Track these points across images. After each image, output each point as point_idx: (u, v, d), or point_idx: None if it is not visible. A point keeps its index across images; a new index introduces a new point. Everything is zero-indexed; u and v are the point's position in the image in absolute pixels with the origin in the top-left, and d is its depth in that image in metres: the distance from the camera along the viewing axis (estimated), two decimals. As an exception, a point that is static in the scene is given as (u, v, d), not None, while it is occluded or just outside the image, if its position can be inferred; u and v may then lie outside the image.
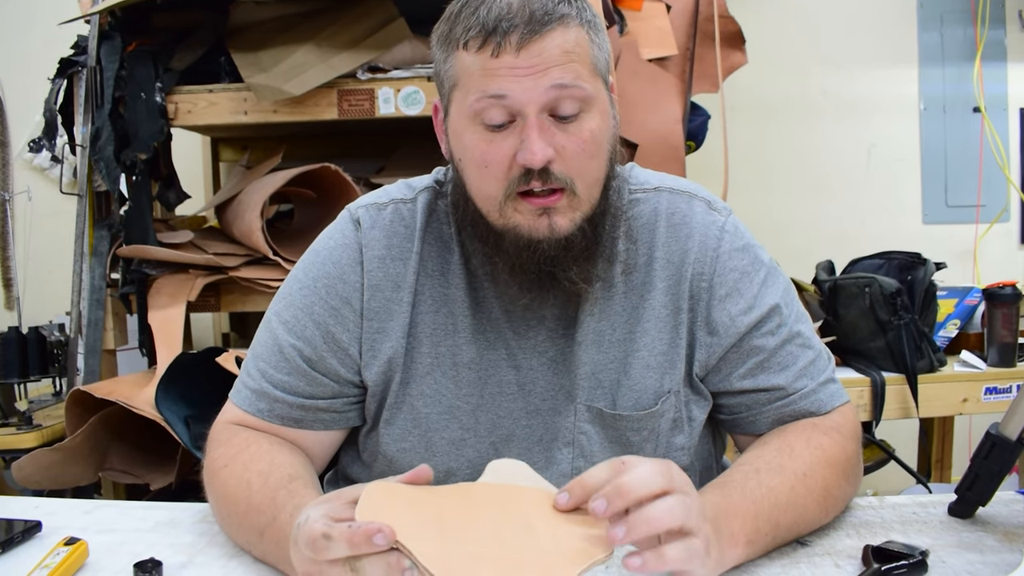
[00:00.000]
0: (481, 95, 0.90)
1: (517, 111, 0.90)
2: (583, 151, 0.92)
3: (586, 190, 0.94)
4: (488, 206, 0.95)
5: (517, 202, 0.93)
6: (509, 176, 0.91)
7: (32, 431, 1.91)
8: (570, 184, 0.92)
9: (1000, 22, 3.17)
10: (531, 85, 0.88)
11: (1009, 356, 2.06)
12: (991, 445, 0.94)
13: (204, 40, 2.10)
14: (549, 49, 0.88)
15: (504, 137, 0.91)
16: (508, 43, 0.88)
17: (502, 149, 0.91)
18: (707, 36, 2.36)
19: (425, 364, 1.04)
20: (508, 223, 0.94)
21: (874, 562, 0.83)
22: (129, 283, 1.99)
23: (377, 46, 1.98)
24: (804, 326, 1.06)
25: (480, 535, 0.73)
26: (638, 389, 1.03)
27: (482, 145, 0.92)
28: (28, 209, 2.42)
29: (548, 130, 0.90)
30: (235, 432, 1.04)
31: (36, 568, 0.84)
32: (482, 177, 0.94)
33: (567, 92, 0.90)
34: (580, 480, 0.76)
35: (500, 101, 0.89)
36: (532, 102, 0.89)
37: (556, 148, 0.90)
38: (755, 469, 0.92)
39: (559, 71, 0.89)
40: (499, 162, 0.91)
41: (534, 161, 0.89)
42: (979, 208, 3.20)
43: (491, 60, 0.89)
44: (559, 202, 0.92)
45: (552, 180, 0.91)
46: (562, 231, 0.93)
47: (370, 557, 0.71)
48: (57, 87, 2.07)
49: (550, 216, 0.93)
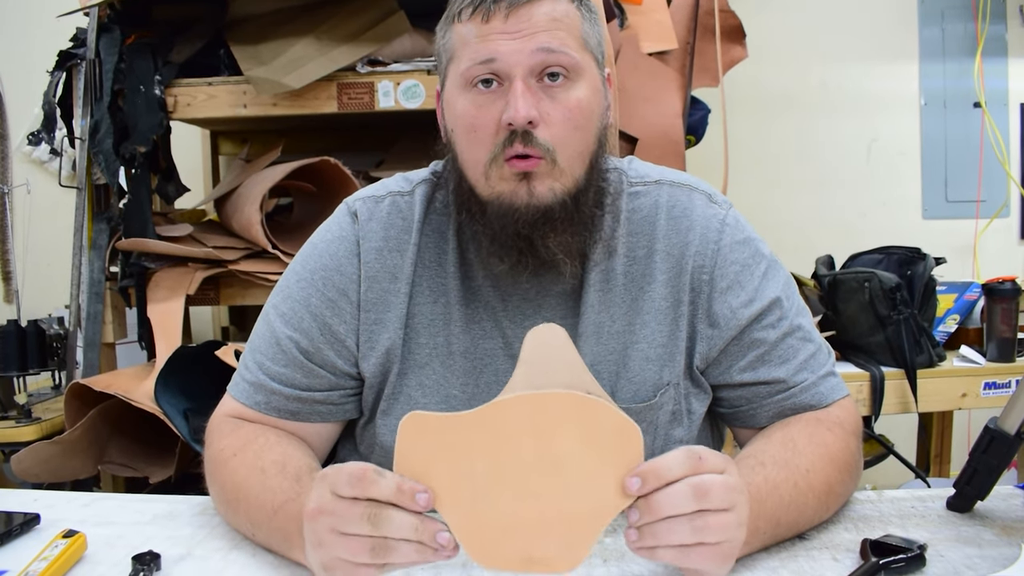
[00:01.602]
0: (472, 62, 0.94)
1: (505, 74, 0.93)
2: (568, 119, 0.94)
3: (568, 161, 0.95)
4: (476, 173, 0.97)
5: (502, 168, 0.94)
6: (495, 139, 0.94)
7: (31, 424, 1.91)
8: (551, 152, 0.93)
9: (1001, 17, 3.17)
10: (518, 47, 0.92)
11: (1008, 351, 2.06)
12: (990, 439, 0.94)
13: (203, 33, 2.09)
14: (537, 15, 0.93)
15: (492, 101, 0.94)
16: (498, 8, 0.92)
17: (490, 112, 0.94)
18: (707, 30, 2.36)
19: (423, 354, 1.04)
20: (493, 191, 0.96)
21: (872, 556, 0.83)
22: (128, 276, 1.99)
23: (377, 39, 1.98)
24: (805, 319, 1.06)
25: (511, 489, 0.73)
26: (637, 381, 1.03)
27: (472, 110, 0.95)
28: (27, 202, 2.41)
29: (535, 94, 0.93)
30: (238, 425, 1.04)
31: (35, 560, 0.84)
32: (470, 142, 0.96)
33: (553, 57, 0.93)
34: (655, 470, 0.74)
35: (489, 66, 0.93)
36: (519, 64, 0.92)
37: (541, 113, 0.93)
38: (760, 463, 0.92)
39: (546, 36, 0.92)
40: (486, 125, 0.94)
41: (517, 118, 0.91)
42: (979, 203, 3.20)
43: (482, 26, 0.93)
44: (538, 167, 0.94)
45: (534, 145, 0.92)
46: (541, 198, 0.94)
47: (401, 514, 0.72)
48: (56, 80, 2.06)
49: (529, 182, 0.94)
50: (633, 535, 0.75)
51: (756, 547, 0.87)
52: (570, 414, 0.74)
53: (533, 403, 0.75)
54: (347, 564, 0.75)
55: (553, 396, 0.75)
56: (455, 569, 0.86)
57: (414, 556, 0.73)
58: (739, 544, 0.78)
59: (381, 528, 0.72)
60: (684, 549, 0.75)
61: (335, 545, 0.75)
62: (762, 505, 0.85)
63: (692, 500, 0.74)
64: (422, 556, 0.73)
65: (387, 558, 0.73)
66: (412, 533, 0.72)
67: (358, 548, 0.73)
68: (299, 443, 1.03)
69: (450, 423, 0.74)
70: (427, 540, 0.72)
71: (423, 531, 0.72)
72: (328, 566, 0.76)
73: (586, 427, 0.74)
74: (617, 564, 0.86)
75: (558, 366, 0.83)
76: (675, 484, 0.74)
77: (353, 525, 0.73)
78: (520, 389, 0.78)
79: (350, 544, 0.74)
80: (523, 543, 0.74)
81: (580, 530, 0.74)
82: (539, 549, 0.74)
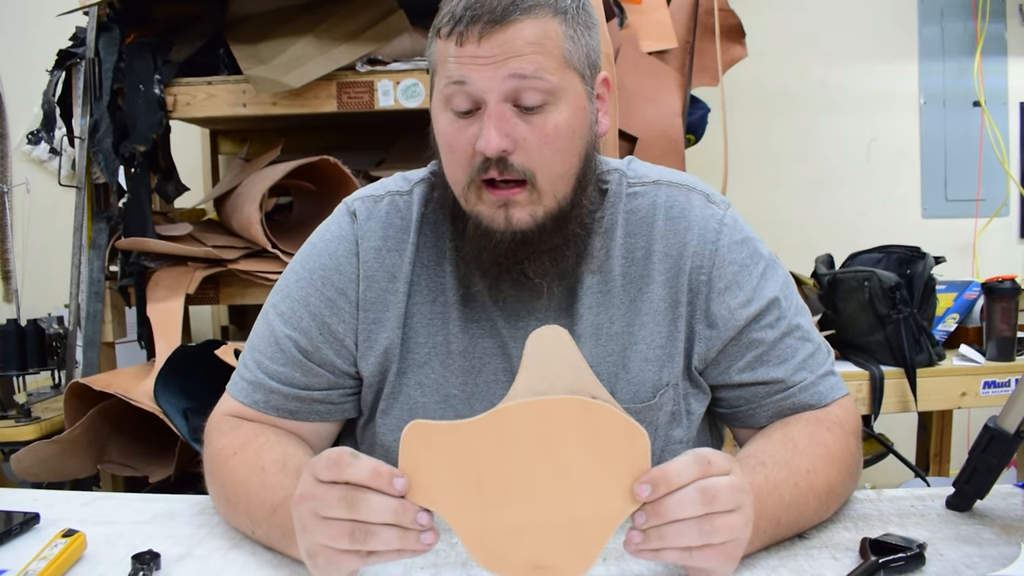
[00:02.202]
0: (447, 81, 0.92)
1: (479, 99, 0.91)
2: (545, 144, 0.92)
3: (549, 184, 0.94)
4: (457, 190, 0.97)
5: (480, 190, 0.94)
6: (472, 163, 0.93)
7: (31, 423, 1.91)
8: (530, 176, 0.92)
9: (1000, 16, 3.17)
10: (490, 74, 0.90)
11: (1008, 350, 2.06)
12: (989, 438, 0.94)
13: (203, 32, 2.09)
14: (511, 40, 0.89)
15: (469, 124, 0.93)
16: (471, 32, 0.89)
17: (466, 136, 0.93)
18: (707, 29, 2.35)
19: (422, 354, 1.04)
20: (472, 210, 0.96)
21: (872, 555, 0.83)
22: (128, 276, 1.99)
23: (376, 38, 1.97)
24: (803, 319, 1.06)
25: (518, 496, 0.73)
26: (636, 382, 1.03)
27: (450, 130, 0.94)
28: (26, 201, 2.41)
29: (509, 120, 0.91)
30: (238, 423, 1.04)
31: (34, 559, 0.84)
32: (449, 161, 0.96)
33: (527, 83, 0.90)
34: (665, 476, 0.74)
35: (463, 88, 0.91)
36: (491, 91, 0.90)
37: (517, 139, 0.91)
38: (761, 463, 0.92)
39: (519, 62, 0.89)
40: (463, 148, 0.93)
41: (488, 149, 0.90)
42: (979, 202, 3.20)
43: (457, 48, 0.91)
44: (519, 196, 0.93)
45: (511, 171, 0.92)
46: (519, 225, 0.94)
47: (378, 496, 0.72)
48: (55, 79, 2.06)
49: (508, 209, 0.94)
50: (637, 537, 0.75)
51: (757, 546, 0.87)
52: (575, 420, 0.74)
53: (537, 410, 0.75)
54: (329, 551, 0.75)
55: (557, 402, 0.75)
56: (454, 568, 0.86)
57: (395, 543, 0.73)
58: (745, 542, 0.78)
59: (358, 511, 0.73)
60: (689, 550, 0.75)
61: (316, 530, 0.75)
62: (763, 504, 0.85)
63: (700, 504, 0.74)
64: (403, 543, 0.73)
65: (367, 543, 0.73)
66: (390, 516, 0.72)
67: (337, 533, 0.74)
68: (299, 442, 1.03)
69: (453, 431, 0.74)
70: (407, 523, 0.72)
71: (402, 513, 0.72)
72: (312, 553, 0.76)
73: (591, 432, 0.74)
74: (617, 563, 0.86)
75: (561, 369, 0.83)
76: (684, 489, 0.74)
77: (331, 508, 0.74)
78: (523, 396, 0.79)
79: (330, 529, 0.74)
80: (531, 550, 0.74)
81: (588, 535, 0.74)
82: (547, 555, 0.74)
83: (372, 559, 0.75)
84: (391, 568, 0.86)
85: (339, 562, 0.75)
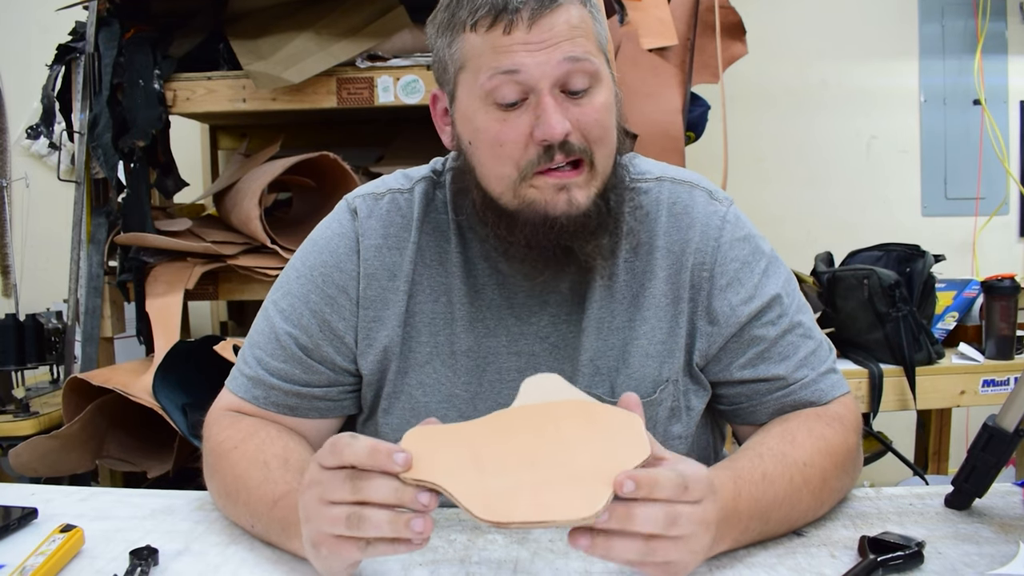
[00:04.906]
0: (493, 72, 0.90)
1: (531, 87, 0.90)
2: (597, 122, 0.93)
3: (603, 161, 0.95)
4: (501, 187, 0.95)
5: (533, 178, 0.93)
6: (525, 155, 0.92)
7: (29, 418, 1.91)
8: (589, 155, 0.93)
9: (1001, 14, 3.17)
10: (544, 59, 0.89)
11: (1007, 349, 2.06)
12: (988, 437, 0.94)
13: (203, 27, 2.09)
14: (559, 24, 0.90)
15: (518, 115, 0.91)
16: (520, 19, 0.89)
17: (517, 127, 0.91)
18: (707, 26, 2.35)
19: (424, 353, 1.04)
20: (524, 200, 0.94)
21: (870, 553, 0.83)
22: (127, 271, 1.99)
23: (377, 34, 1.97)
24: (805, 316, 1.06)
25: (515, 462, 0.73)
26: (636, 377, 1.03)
27: (496, 125, 0.92)
28: (26, 196, 2.41)
29: (562, 104, 0.91)
30: (237, 418, 1.04)
31: (32, 555, 0.84)
32: (496, 157, 0.93)
33: (579, 66, 0.91)
34: (649, 483, 0.73)
35: (513, 77, 0.90)
36: (545, 76, 0.90)
37: (572, 121, 0.91)
38: (759, 455, 0.92)
39: (569, 45, 0.90)
40: (515, 140, 0.92)
41: (554, 134, 0.89)
42: (978, 201, 3.20)
43: (503, 37, 0.90)
44: (579, 177, 0.93)
45: (573, 151, 0.91)
46: (581, 206, 0.94)
47: (380, 477, 0.73)
48: (55, 74, 2.06)
49: (569, 191, 0.93)
50: (585, 542, 0.73)
51: (743, 543, 0.87)
52: (574, 412, 0.76)
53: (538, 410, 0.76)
54: (330, 538, 0.75)
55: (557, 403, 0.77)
56: (452, 564, 0.86)
57: (387, 528, 0.72)
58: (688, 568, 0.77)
59: (361, 492, 0.73)
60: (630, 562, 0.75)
61: (319, 516, 0.75)
62: (756, 506, 0.86)
63: (661, 525, 0.73)
64: (395, 529, 0.72)
65: (361, 529, 0.73)
66: (392, 495, 0.72)
67: (336, 517, 0.74)
68: (299, 438, 1.03)
69: (454, 430, 0.76)
70: (407, 502, 0.72)
71: (403, 493, 0.72)
72: (315, 541, 0.76)
73: (589, 418, 0.76)
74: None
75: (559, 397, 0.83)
76: (654, 504, 0.73)
77: (336, 491, 0.74)
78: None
79: (331, 513, 0.74)
80: (532, 500, 0.71)
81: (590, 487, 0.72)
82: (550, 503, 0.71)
83: (371, 550, 0.74)
84: (390, 564, 0.85)
85: (339, 550, 0.75)
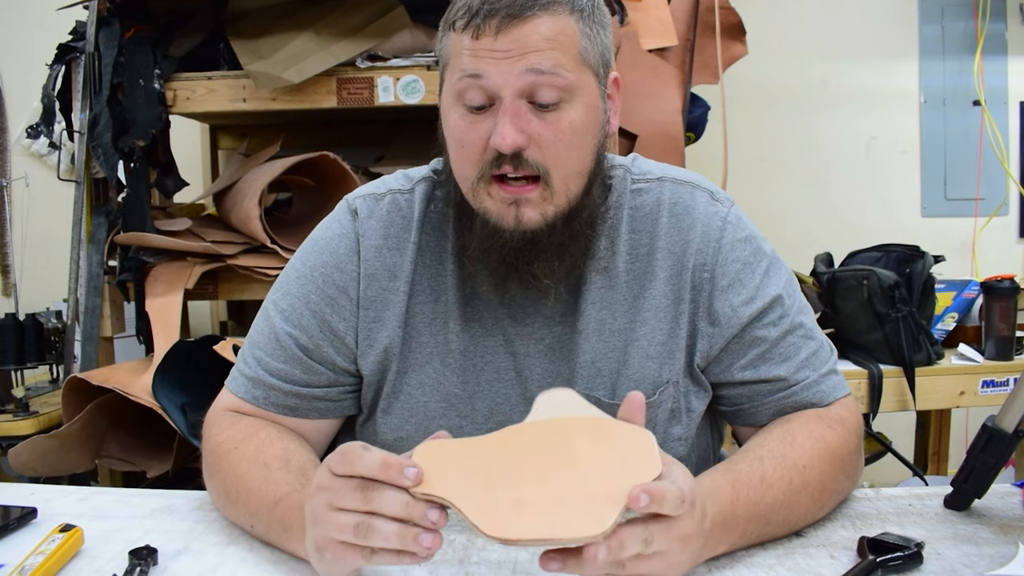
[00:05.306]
0: (462, 74, 0.91)
1: (494, 94, 0.90)
2: (560, 141, 0.91)
3: (561, 182, 0.93)
4: (465, 186, 0.96)
5: (490, 186, 0.93)
6: (483, 159, 0.92)
7: (29, 418, 1.91)
8: (544, 173, 0.92)
9: (1001, 15, 3.17)
10: (507, 68, 0.89)
11: (1006, 349, 2.06)
12: (987, 438, 0.94)
13: (203, 26, 2.09)
14: (529, 35, 0.89)
15: (482, 119, 0.92)
16: (488, 26, 0.89)
17: (478, 131, 0.92)
18: (707, 27, 2.35)
19: (423, 353, 1.04)
20: (480, 206, 0.95)
21: (869, 554, 0.83)
22: (127, 270, 1.98)
23: (377, 34, 1.97)
24: (806, 317, 1.06)
25: (525, 478, 0.73)
26: (637, 378, 1.03)
27: (461, 125, 0.93)
28: (26, 195, 2.42)
29: (524, 116, 0.90)
30: (237, 419, 1.04)
31: (31, 554, 0.84)
32: (459, 157, 0.95)
33: (544, 79, 0.89)
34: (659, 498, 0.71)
35: (477, 81, 0.90)
36: (507, 85, 0.89)
37: (532, 135, 0.90)
38: (759, 457, 0.92)
39: (537, 56, 0.89)
40: (474, 143, 0.92)
41: (503, 145, 0.89)
42: (978, 201, 3.20)
43: (473, 42, 0.90)
44: (531, 193, 0.92)
45: (525, 166, 0.91)
46: (528, 224, 0.93)
47: (390, 490, 0.72)
48: (55, 73, 2.06)
49: (519, 207, 0.93)
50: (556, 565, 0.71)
51: (742, 546, 0.87)
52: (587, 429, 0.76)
53: (550, 426, 0.76)
54: (335, 544, 0.75)
55: (570, 420, 0.77)
56: (452, 565, 0.86)
57: (395, 541, 0.72)
58: None
59: (372, 503, 0.73)
60: None
61: (327, 521, 0.75)
62: (754, 510, 0.86)
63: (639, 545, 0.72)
64: (403, 543, 0.72)
65: (369, 538, 0.73)
66: (402, 509, 0.72)
67: (345, 524, 0.74)
68: (299, 439, 1.03)
69: (465, 445, 0.76)
70: (416, 518, 0.72)
71: (413, 508, 0.72)
72: (320, 545, 0.76)
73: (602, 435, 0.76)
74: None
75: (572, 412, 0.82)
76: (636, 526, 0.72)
77: (346, 499, 0.74)
78: None
79: (339, 520, 0.74)
80: (542, 515, 0.71)
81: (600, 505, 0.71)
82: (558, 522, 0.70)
83: (375, 559, 0.74)
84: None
85: (344, 556, 0.75)
